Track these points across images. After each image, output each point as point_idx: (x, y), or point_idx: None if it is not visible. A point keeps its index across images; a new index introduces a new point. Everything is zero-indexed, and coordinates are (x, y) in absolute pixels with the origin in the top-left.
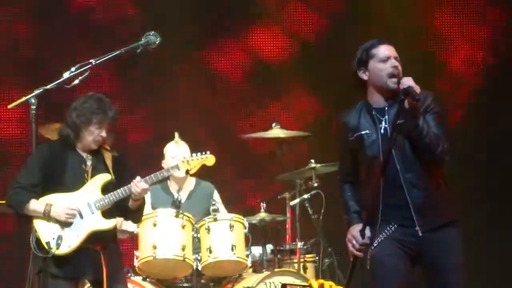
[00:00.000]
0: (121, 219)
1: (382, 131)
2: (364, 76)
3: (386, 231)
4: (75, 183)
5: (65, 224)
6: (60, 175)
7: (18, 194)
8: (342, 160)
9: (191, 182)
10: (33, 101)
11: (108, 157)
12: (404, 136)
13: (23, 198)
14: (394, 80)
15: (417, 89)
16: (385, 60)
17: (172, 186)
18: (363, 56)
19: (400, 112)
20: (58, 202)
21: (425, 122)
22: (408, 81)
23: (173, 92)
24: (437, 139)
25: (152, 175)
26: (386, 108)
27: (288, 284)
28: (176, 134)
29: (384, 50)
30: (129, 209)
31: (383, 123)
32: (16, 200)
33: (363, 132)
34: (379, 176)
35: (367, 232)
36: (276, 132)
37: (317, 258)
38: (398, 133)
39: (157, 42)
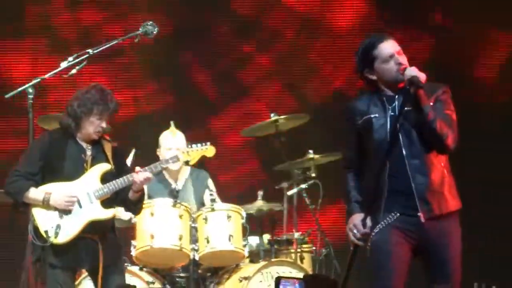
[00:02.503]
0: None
1: (390, 116)
2: (372, 76)
3: (387, 219)
4: (74, 172)
5: (63, 213)
6: (59, 164)
7: (17, 182)
8: (347, 147)
9: (186, 170)
10: (30, 90)
11: (108, 148)
12: (411, 123)
13: (22, 186)
14: (401, 72)
15: (422, 77)
16: (388, 60)
17: (168, 174)
18: (365, 59)
19: (406, 100)
20: (57, 190)
21: (433, 110)
22: (411, 71)
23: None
24: (444, 127)
25: (151, 166)
26: (396, 96)
27: (282, 276)
28: (172, 124)
29: (385, 49)
30: (129, 200)
31: (392, 109)
32: (15, 188)
33: (372, 116)
34: (385, 160)
35: (368, 221)
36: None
37: (314, 248)
38: (405, 120)
39: (155, 32)
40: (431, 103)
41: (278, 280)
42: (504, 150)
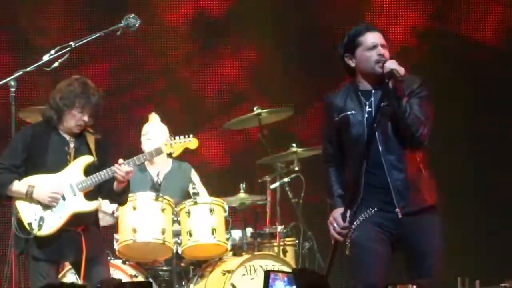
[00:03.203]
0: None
1: (367, 112)
2: (351, 62)
3: (365, 213)
4: (57, 164)
5: (47, 206)
6: (42, 157)
7: (0, 175)
8: (326, 143)
9: (168, 162)
10: (12, 83)
11: (91, 140)
12: (388, 119)
13: (6, 179)
14: (380, 65)
15: (401, 70)
16: (372, 48)
17: (150, 167)
18: (350, 44)
19: (384, 94)
20: (41, 183)
21: (409, 105)
22: (391, 64)
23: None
24: (417, 122)
25: (134, 158)
26: (373, 91)
27: (271, 270)
28: (153, 114)
29: (371, 38)
30: (114, 191)
31: (369, 105)
32: None
33: (349, 112)
34: (362, 156)
35: (348, 215)
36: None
37: (297, 241)
38: (382, 116)
39: (137, 25)
40: (407, 97)
41: (267, 274)
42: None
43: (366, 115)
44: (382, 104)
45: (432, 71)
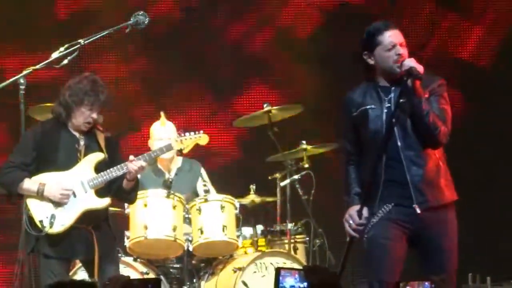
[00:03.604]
0: None
1: (386, 108)
2: (370, 60)
3: (382, 210)
4: (68, 162)
5: (58, 203)
6: (53, 154)
7: (11, 173)
8: (345, 140)
9: (178, 159)
10: (22, 81)
11: (101, 137)
12: (406, 115)
13: (16, 177)
14: (399, 65)
15: (420, 68)
16: (390, 48)
17: (161, 164)
18: (369, 42)
19: (403, 92)
20: (52, 181)
21: (428, 103)
22: (409, 62)
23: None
24: (437, 120)
25: (145, 154)
26: (392, 88)
27: (282, 267)
28: (162, 114)
29: (389, 37)
30: (123, 189)
31: (388, 101)
32: (9, 179)
33: (368, 107)
34: (381, 151)
35: (364, 212)
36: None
37: (307, 239)
38: (401, 112)
39: (146, 22)
40: (426, 96)
41: (278, 271)
42: None
43: (385, 110)
44: (401, 100)
45: None
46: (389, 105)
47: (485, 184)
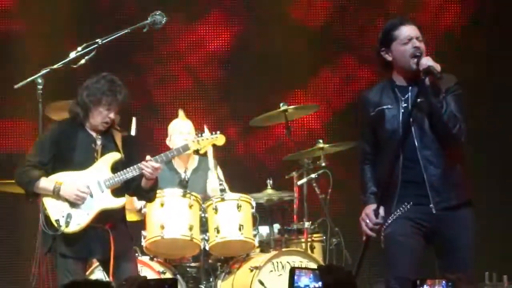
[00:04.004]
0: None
1: (403, 108)
2: (388, 57)
3: (400, 209)
4: (84, 161)
5: (74, 203)
6: (70, 154)
7: (28, 172)
8: (362, 139)
9: (194, 158)
10: (39, 81)
11: (118, 137)
12: (424, 114)
13: (33, 176)
14: (415, 60)
15: (438, 67)
16: (407, 42)
17: (177, 164)
18: (385, 38)
19: (421, 90)
20: (68, 180)
21: (446, 102)
22: (427, 61)
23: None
24: (455, 119)
25: (162, 154)
26: (410, 87)
27: (297, 267)
28: (181, 111)
29: (405, 31)
30: (143, 188)
31: (405, 101)
32: (25, 177)
33: (384, 107)
34: (398, 151)
35: (381, 211)
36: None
37: (324, 238)
38: (418, 111)
39: (163, 22)
40: (443, 95)
41: (292, 271)
42: None
43: (402, 110)
44: (419, 100)
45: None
46: (406, 105)
47: (504, 182)
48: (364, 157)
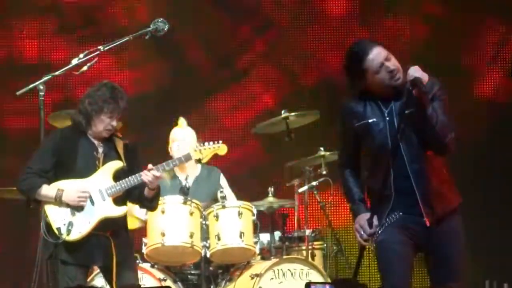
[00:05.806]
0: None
1: (388, 122)
2: (363, 83)
3: (391, 217)
4: (86, 169)
5: (76, 210)
6: (71, 162)
7: (29, 179)
8: (344, 144)
9: (197, 167)
10: (41, 87)
11: (119, 145)
12: (412, 126)
13: (35, 183)
14: (396, 78)
15: (425, 77)
16: (379, 70)
17: (178, 171)
18: (356, 74)
19: (408, 102)
20: (70, 187)
21: (434, 110)
22: (414, 72)
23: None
24: (445, 127)
25: (164, 163)
26: (392, 101)
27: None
28: (181, 119)
29: (374, 59)
30: (145, 197)
31: (388, 113)
32: (27, 185)
33: (370, 121)
34: (388, 166)
35: (375, 221)
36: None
37: (325, 245)
38: (406, 124)
39: (165, 29)
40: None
41: (308, 286)
42: None
43: (388, 123)
44: (406, 112)
45: None
46: (389, 118)
47: (504, 190)
48: (346, 161)
